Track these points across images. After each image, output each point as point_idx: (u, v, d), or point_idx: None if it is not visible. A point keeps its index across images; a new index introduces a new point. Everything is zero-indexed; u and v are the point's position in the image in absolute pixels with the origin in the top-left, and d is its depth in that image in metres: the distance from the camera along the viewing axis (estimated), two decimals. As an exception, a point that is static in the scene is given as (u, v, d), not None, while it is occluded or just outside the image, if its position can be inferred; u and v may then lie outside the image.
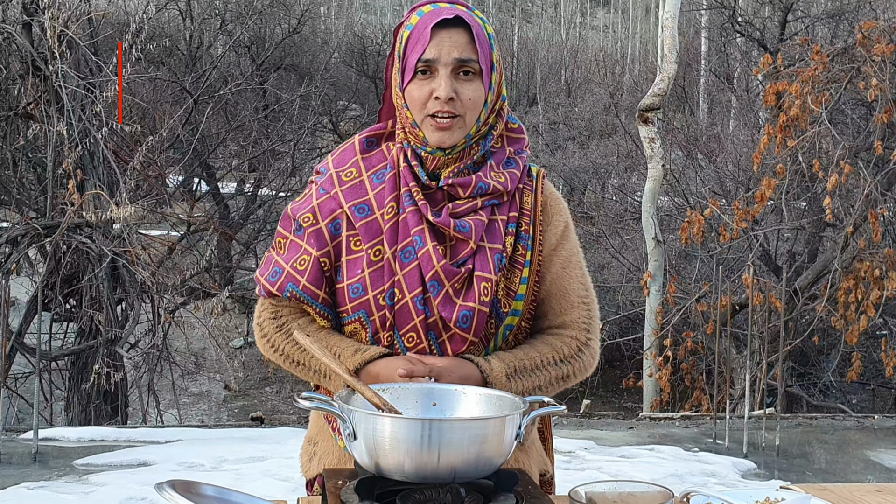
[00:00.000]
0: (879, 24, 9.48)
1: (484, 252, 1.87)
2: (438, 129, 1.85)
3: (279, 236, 1.97)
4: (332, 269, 1.91)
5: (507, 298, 1.90)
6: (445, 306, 1.83)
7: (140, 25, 9.91)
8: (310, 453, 2.04)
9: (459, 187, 1.88)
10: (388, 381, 1.78)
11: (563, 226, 1.99)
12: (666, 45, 11.33)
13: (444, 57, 1.84)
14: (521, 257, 1.92)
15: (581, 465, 6.59)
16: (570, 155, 18.77)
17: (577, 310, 1.97)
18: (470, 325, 1.84)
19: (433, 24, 1.84)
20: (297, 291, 1.90)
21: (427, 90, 1.85)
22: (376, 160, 1.96)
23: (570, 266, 1.98)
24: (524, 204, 1.95)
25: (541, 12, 37.80)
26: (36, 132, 9.39)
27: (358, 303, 1.88)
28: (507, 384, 1.84)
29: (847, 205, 10.03)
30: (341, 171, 1.96)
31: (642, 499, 1.51)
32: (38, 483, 6.02)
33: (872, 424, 8.46)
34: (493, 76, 1.90)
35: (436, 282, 1.83)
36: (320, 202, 1.93)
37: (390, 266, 1.86)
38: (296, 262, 1.91)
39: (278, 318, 1.97)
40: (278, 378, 14.68)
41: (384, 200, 1.89)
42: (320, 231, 1.91)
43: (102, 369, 8.90)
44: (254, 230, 14.75)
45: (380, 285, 1.86)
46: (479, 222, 1.87)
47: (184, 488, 1.45)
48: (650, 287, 10.91)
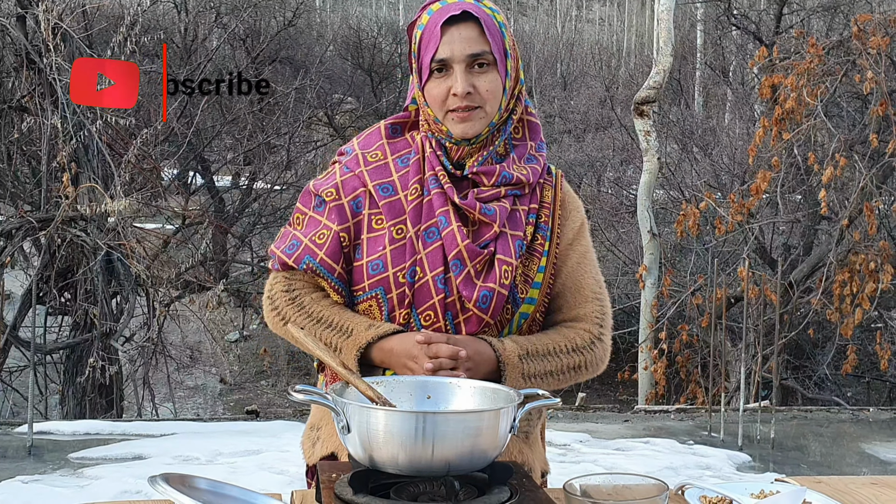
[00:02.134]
0: (875, 16, 9.49)
1: (506, 237, 1.90)
2: (460, 122, 1.88)
3: (297, 212, 1.99)
4: (350, 246, 1.93)
5: (525, 285, 1.93)
6: (466, 286, 1.86)
7: (135, 18, 9.87)
8: (312, 439, 2.05)
9: (484, 175, 1.91)
10: (401, 357, 1.83)
11: (579, 222, 2.04)
12: (661, 38, 11.32)
13: (456, 54, 1.87)
14: (540, 246, 1.96)
15: (576, 457, 6.60)
16: (565, 148, 18.74)
17: (590, 304, 2.00)
18: (489, 306, 1.86)
19: (442, 23, 1.86)
20: (314, 264, 1.91)
21: (445, 87, 1.88)
22: (402, 146, 1.99)
23: (585, 262, 2.02)
24: (544, 197, 1.99)
25: (536, 5, 37.76)
26: (30, 125, 9.37)
27: (377, 279, 1.90)
28: (518, 364, 1.87)
29: (842, 198, 10.04)
30: (367, 153, 1.99)
31: (637, 492, 1.51)
32: (33, 477, 6.01)
33: (867, 417, 8.48)
34: (509, 62, 1.92)
35: (459, 261, 1.86)
36: (344, 179, 1.96)
37: (413, 244, 1.88)
38: (315, 235, 1.93)
39: (291, 291, 1.98)
40: (274, 371, 14.67)
41: (408, 182, 1.92)
42: (342, 207, 1.93)
43: (97, 363, 8.89)
44: (249, 223, 14.71)
45: (401, 263, 1.88)
46: (502, 208, 1.90)
47: (177, 482, 1.45)
48: (645, 280, 10.91)
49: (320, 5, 28.49)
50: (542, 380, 1.90)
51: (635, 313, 12.09)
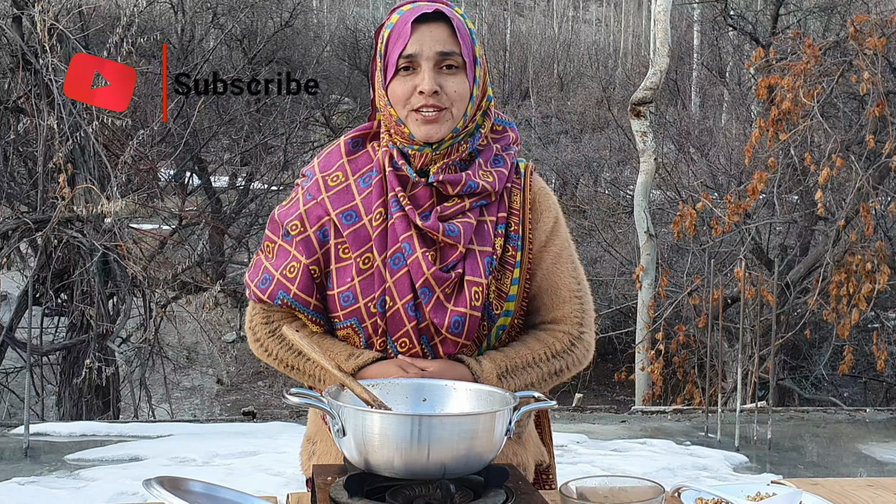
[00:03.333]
0: (871, 17, 9.49)
1: (474, 255, 1.86)
2: (425, 123, 1.83)
3: (267, 240, 1.96)
4: (321, 276, 1.90)
5: (499, 300, 1.89)
6: (437, 312, 1.82)
7: (131, 19, 9.86)
8: (309, 452, 2.05)
9: (449, 184, 1.86)
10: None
11: (552, 222, 1.98)
12: (658, 39, 11.33)
13: (426, 51, 1.82)
14: (512, 258, 1.91)
15: (573, 458, 6.60)
16: (562, 148, 18.75)
17: (568, 304, 1.96)
18: (462, 331, 1.83)
19: (413, 20, 1.83)
20: (287, 299, 1.89)
21: (410, 86, 1.83)
22: (362, 162, 1.94)
23: (560, 261, 1.97)
24: (513, 203, 1.94)
25: (533, 6, 37.72)
26: (26, 126, 9.36)
27: (349, 311, 1.88)
28: (498, 384, 1.83)
29: (839, 198, 10.04)
30: (327, 176, 1.94)
31: (633, 494, 1.51)
32: (29, 478, 6.01)
33: (864, 417, 8.49)
34: (478, 70, 1.88)
35: (426, 289, 1.82)
36: (307, 208, 1.92)
37: (380, 273, 1.84)
38: (285, 269, 1.90)
39: (270, 324, 1.97)
40: (270, 373, 14.66)
41: (371, 206, 1.87)
42: (308, 239, 1.90)
43: (94, 364, 8.88)
44: (246, 224, 14.71)
45: (370, 293, 1.85)
46: (467, 225, 1.85)
47: (172, 485, 1.44)
48: (642, 281, 10.92)
49: (317, 6, 28.46)
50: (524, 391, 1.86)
51: (632, 314, 12.11)
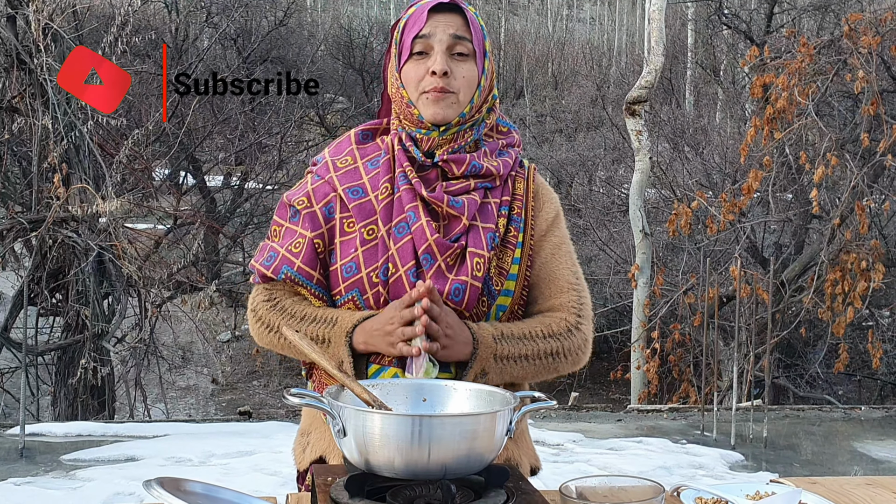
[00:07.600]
0: (866, 16, 9.51)
1: (477, 230, 1.91)
2: (434, 102, 1.91)
3: (274, 225, 2.02)
4: (325, 252, 1.95)
5: (500, 277, 1.93)
6: (438, 279, 1.86)
7: (125, 18, 9.84)
8: (303, 445, 2.05)
9: (454, 164, 1.93)
10: (382, 324, 1.83)
11: (553, 214, 2.04)
12: (653, 38, 11.33)
13: (439, 34, 1.91)
14: (514, 238, 1.96)
15: (569, 457, 6.61)
16: (557, 147, 18.78)
17: (566, 294, 1.99)
18: (462, 298, 1.87)
19: (429, 8, 1.92)
20: (291, 273, 1.94)
21: (423, 68, 1.92)
22: (371, 150, 2.02)
23: (559, 253, 2.02)
24: (516, 190, 2.01)
25: (527, 4, 37.74)
26: (21, 126, 9.33)
27: (351, 282, 1.91)
28: (492, 345, 1.86)
29: (834, 197, 10.07)
30: (336, 159, 2.01)
31: (633, 493, 1.50)
32: (25, 479, 6.00)
33: (859, 415, 8.51)
34: (486, 62, 1.97)
35: (429, 255, 1.87)
36: (315, 187, 1.99)
37: (384, 242, 1.89)
38: (290, 245, 1.95)
39: (272, 300, 1.99)
40: (266, 372, 14.67)
41: (378, 183, 1.94)
42: (314, 214, 1.95)
43: (89, 364, 8.87)
44: (241, 223, 14.71)
45: (373, 262, 1.89)
46: (471, 201, 1.92)
47: (172, 485, 1.44)
48: (638, 279, 10.93)
49: (311, 5, 28.46)
50: (517, 363, 1.89)
51: (628, 312, 12.11)
